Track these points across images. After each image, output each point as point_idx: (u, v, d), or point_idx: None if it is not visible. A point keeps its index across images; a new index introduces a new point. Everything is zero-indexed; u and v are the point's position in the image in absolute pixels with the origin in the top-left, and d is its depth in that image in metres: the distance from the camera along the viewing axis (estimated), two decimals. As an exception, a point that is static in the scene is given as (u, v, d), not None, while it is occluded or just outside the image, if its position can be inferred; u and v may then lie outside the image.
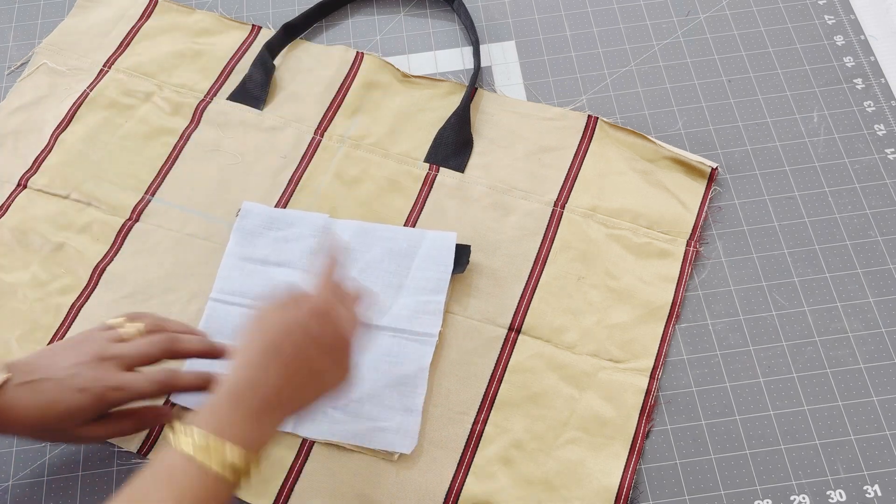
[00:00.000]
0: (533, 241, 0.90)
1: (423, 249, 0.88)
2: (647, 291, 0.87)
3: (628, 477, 0.78)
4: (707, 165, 0.93)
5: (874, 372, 0.83)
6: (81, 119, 0.99)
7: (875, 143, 0.95)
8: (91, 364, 0.71)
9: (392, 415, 0.81)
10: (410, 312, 0.85)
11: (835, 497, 0.77)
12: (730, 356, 0.84)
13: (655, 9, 1.06)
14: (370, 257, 0.88)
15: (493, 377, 0.83)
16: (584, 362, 0.83)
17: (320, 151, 0.96)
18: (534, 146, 0.95)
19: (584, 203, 0.92)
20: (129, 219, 0.92)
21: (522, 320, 0.86)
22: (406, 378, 0.82)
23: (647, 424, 0.81)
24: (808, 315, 0.86)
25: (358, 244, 0.89)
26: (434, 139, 0.96)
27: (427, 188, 0.93)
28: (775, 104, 0.98)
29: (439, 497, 0.78)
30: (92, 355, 0.71)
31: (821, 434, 0.80)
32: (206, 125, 0.98)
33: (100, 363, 0.71)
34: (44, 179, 0.95)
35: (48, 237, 0.91)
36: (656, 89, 1.00)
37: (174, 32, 1.06)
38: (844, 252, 0.89)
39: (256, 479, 0.79)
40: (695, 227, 0.90)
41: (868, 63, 1.00)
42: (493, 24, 1.06)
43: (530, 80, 1.01)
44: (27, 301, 0.88)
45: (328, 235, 0.82)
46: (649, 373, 0.83)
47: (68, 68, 1.03)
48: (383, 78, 1.01)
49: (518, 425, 0.81)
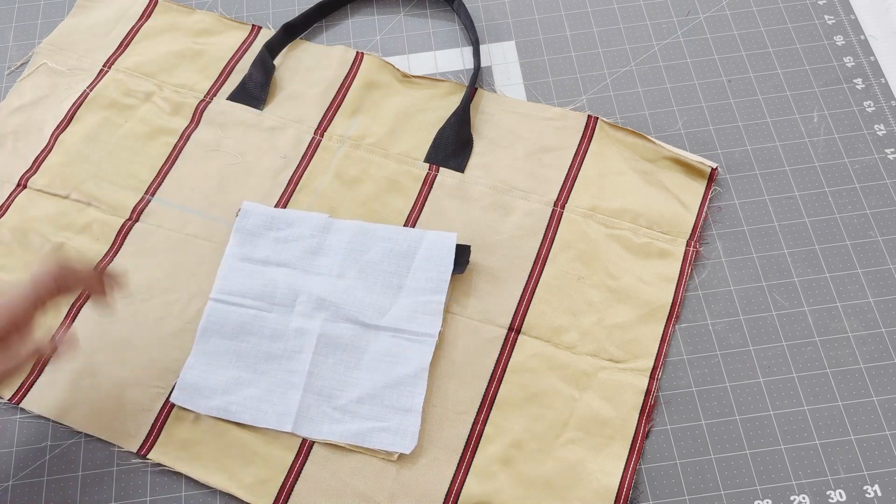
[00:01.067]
0: (533, 241, 0.90)
1: (422, 250, 0.88)
2: (647, 291, 0.87)
3: (628, 477, 0.78)
4: (707, 165, 0.92)
5: (874, 372, 0.83)
6: (81, 119, 0.99)
7: (875, 143, 0.95)
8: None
9: (392, 415, 0.81)
10: (410, 313, 0.85)
11: (835, 497, 0.77)
12: (730, 356, 0.84)
13: (655, 9, 1.06)
14: (370, 257, 0.88)
15: (493, 377, 0.83)
16: (583, 362, 0.83)
17: (320, 151, 0.96)
18: (534, 146, 0.95)
19: (584, 203, 0.92)
20: (129, 219, 0.92)
21: (522, 320, 0.86)
22: (406, 378, 0.82)
23: (647, 424, 0.81)
24: (808, 315, 0.86)
25: (357, 244, 0.89)
26: (434, 139, 0.96)
27: (427, 188, 0.93)
28: (775, 104, 0.98)
29: (439, 497, 0.78)
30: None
31: (821, 434, 0.80)
32: (206, 125, 0.98)
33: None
34: (44, 179, 0.95)
35: (48, 237, 0.91)
36: (656, 89, 1.00)
37: (174, 32, 1.05)
38: (844, 252, 0.89)
39: (255, 479, 0.79)
40: (695, 227, 0.90)
41: (868, 63, 1.00)
42: (493, 24, 1.06)
43: (530, 80, 1.01)
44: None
45: None
46: (649, 373, 0.83)
47: (68, 68, 1.03)
48: (383, 78, 1.01)
49: (518, 425, 0.81)
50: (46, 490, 0.80)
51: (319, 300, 0.86)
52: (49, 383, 0.84)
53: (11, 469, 0.81)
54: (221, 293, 0.87)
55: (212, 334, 0.85)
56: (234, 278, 0.88)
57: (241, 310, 0.86)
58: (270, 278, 0.87)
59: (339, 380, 0.83)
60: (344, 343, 0.84)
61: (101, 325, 0.87)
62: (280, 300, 0.86)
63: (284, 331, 0.85)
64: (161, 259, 0.90)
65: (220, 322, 0.86)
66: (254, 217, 0.90)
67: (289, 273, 0.88)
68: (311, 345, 0.84)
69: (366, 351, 0.84)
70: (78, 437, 0.82)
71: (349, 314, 0.85)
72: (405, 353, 0.84)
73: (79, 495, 0.79)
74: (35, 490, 0.80)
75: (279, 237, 0.89)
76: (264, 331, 0.85)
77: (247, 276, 0.88)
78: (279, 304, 0.86)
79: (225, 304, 0.86)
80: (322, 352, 0.84)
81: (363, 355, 0.84)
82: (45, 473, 0.80)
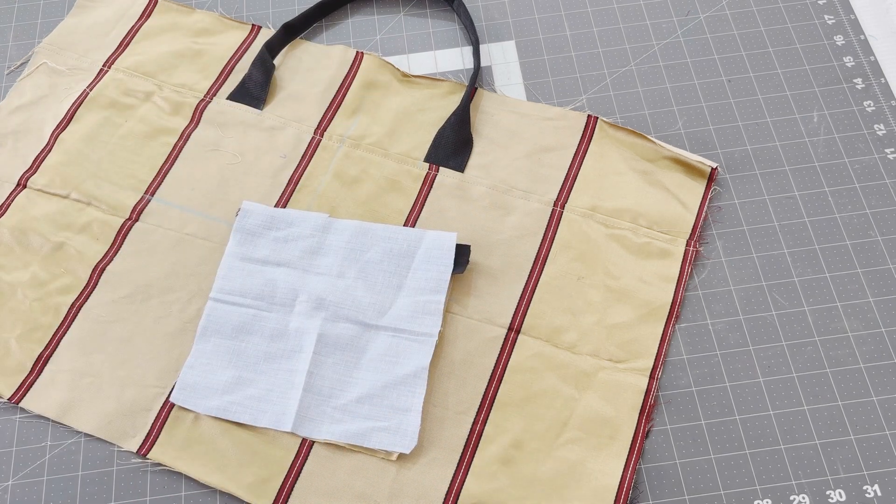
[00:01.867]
0: (533, 241, 0.90)
1: (422, 249, 0.88)
2: (647, 291, 0.87)
3: (628, 477, 0.78)
4: (707, 165, 0.92)
5: (874, 372, 0.82)
6: (81, 119, 0.99)
7: (875, 143, 0.95)
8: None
9: (391, 414, 0.81)
10: (410, 313, 0.85)
11: (835, 497, 0.77)
12: (730, 356, 0.84)
13: (655, 9, 1.06)
14: (369, 257, 0.88)
15: (493, 377, 0.83)
16: (583, 362, 0.83)
17: (320, 151, 0.96)
18: (534, 146, 0.95)
19: (583, 203, 0.92)
20: (128, 218, 0.92)
21: (522, 320, 0.86)
22: (406, 378, 0.82)
23: (646, 424, 0.81)
24: (808, 315, 0.86)
25: (357, 244, 0.89)
26: (434, 139, 0.96)
27: (427, 188, 0.93)
28: (775, 104, 0.98)
29: (439, 497, 0.78)
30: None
31: (821, 434, 0.80)
32: (205, 125, 0.98)
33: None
34: (43, 179, 0.95)
35: (48, 237, 0.91)
36: (656, 89, 1.00)
37: (174, 32, 1.05)
38: (844, 252, 0.89)
39: (255, 479, 0.79)
40: (694, 226, 0.90)
41: (868, 63, 1.00)
42: (493, 24, 1.06)
43: (530, 79, 1.01)
44: (27, 301, 0.88)
45: None
46: (649, 373, 0.83)
47: (68, 68, 1.03)
48: (383, 78, 1.01)
49: (518, 425, 0.81)
50: (46, 490, 0.80)
51: (319, 300, 0.86)
52: (49, 383, 0.84)
53: (11, 469, 0.81)
54: (221, 293, 0.87)
55: (212, 334, 0.85)
56: (234, 278, 0.88)
57: (240, 309, 0.86)
58: (270, 278, 0.87)
59: (339, 379, 0.83)
60: (344, 343, 0.84)
61: (101, 325, 0.86)
62: (280, 300, 0.86)
63: (284, 330, 0.85)
64: (161, 259, 0.90)
65: (220, 321, 0.86)
66: (254, 217, 0.90)
67: (289, 273, 0.88)
68: (310, 344, 0.84)
69: (366, 350, 0.84)
70: (78, 437, 0.82)
71: (349, 314, 0.85)
72: (405, 352, 0.84)
73: (79, 495, 0.79)
74: (35, 490, 0.80)
75: (279, 237, 0.89)
76: (264, 331, 0.85)
77: (246, 276, 0.88)
78: (279, 304, 0.86)
79: (225, 304, 0.86)
80: (322, 351, 0.84)
81: (363, 355, 0.84)
82: (45, 473, 0.80)
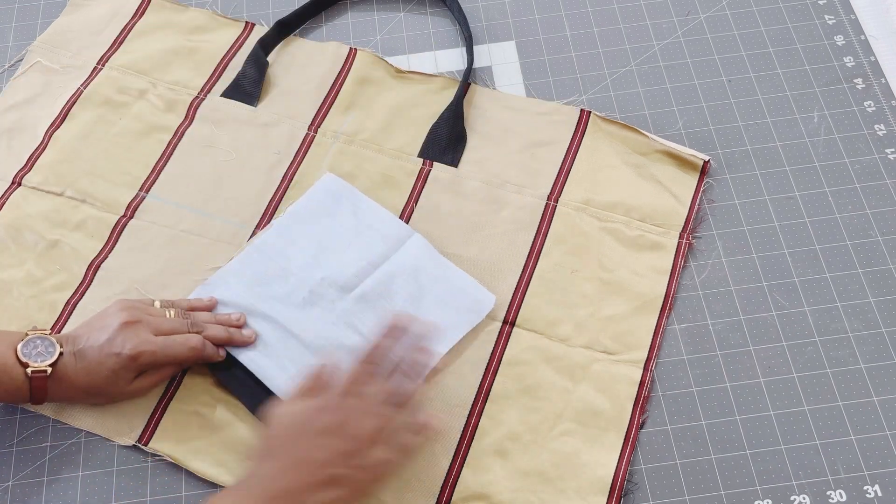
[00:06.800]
0: (526, 235, 0.89)
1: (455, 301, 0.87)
2: (641, 284, 0.87)
3: (622, 468, 0.78)
4: (699, 158, 0.93)
5: (874, 372, 0.82)
6: (75, 117, 0.99)
7: (875, 143, 0.94)
8: (122, 329, 0.77)
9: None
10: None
11: (835, 497, 0.77)
12: (730, 356, 0.83)
13: (655, 9, 1.06)
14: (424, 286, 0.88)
15: (488, 370, 0.83)
16: (577, 354, 0.83)
17: (314, 147, 0.96)
18: (527, 141, 0.95)
19: (577, 197, 0.92)
20: (123, 215, 0.92)
21: (517, 313, 0.86)
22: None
23: (640, 416, 0.80)
24: (809, 315, 0.85)
25: (423, 275, 0.88)
26: (428, 134, 0.96)
27: (421, 183, 0.93)
28: (775, 104, 0.98)
29: (435, 488, 0.78)
30: (122, 320, 0.77)
31: (821, 434, 0.79)
32: (199, 122, 0.98)
33: (130, 327, 0.77)
34: (38, 177, 0.95)
35: (43, 234, 0.91)
36: (656, 89, 1.00)
37: (168, 30, 1.05)
38: (844, 252, 0.88)
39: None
40: (687, 219, 0.90)
41: (868, 63, 1.00)
42: (493, 24, 1.06)
43: (530, 80, 1.01)
44: (22, 298, 0.88)
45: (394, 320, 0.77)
46: (643, 364, 0.83)
47: (62, 66, 1.03)
48: (377, 74, 1.01)
49: (513, 417, 0.81)
50: (46, 490, 0.79)
51: (346, 287, 0.86)
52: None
53: (11, 469, 0.80)
54: (265, 244, 0.88)
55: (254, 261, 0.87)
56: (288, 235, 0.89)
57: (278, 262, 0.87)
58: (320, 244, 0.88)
59: None
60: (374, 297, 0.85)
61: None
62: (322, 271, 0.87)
63: (319, 300, 0.85)
64: (155, 255, 0.90)
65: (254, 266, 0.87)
66: (340, 186, 0.92)
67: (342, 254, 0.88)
68: (334, 321, 0.84)
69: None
70: (78, 437, 0.81)
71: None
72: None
73: (79, 495, 0.79)
74: (35, 490, 0.79)
75: (359, 224, 0.89)
76: (293, 297, 0.85)
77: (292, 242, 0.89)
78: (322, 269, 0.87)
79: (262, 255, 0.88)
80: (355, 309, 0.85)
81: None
82: (45, 473, 0.80)
